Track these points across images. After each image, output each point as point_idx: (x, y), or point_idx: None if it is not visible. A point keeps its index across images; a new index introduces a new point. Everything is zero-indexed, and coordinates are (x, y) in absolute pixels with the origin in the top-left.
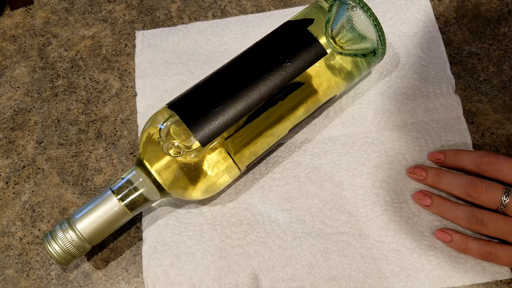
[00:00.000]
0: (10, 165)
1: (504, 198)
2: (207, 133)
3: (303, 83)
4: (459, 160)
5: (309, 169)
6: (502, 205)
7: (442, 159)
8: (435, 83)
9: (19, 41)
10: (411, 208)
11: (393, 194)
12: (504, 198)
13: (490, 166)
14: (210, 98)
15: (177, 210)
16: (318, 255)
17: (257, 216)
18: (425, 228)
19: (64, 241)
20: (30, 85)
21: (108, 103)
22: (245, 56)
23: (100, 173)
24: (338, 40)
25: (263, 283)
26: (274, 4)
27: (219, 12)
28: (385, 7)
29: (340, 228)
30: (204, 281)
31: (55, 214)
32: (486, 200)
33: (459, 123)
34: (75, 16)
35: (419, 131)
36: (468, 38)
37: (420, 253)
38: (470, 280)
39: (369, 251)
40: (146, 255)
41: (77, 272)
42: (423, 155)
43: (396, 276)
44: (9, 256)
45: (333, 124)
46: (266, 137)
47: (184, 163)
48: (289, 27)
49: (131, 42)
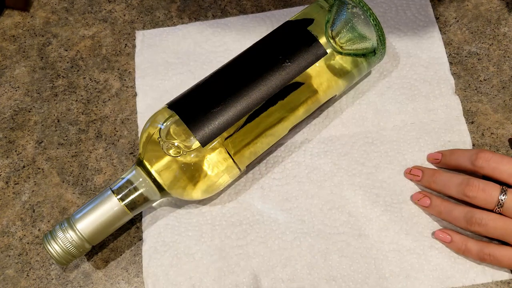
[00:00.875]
0: (10, 165)
1: (502, 197)
2: (207, 133)
3: (303, 83)
4: (455, 158)
5: (309, 169)
6: (499, 205)
7: (439, 159)
8: (434, 84)
9: (19, 41)
10: (411, 209)
11: (393, 195)
12: (501, 197)
13: (486, 162)
14: (210, 98)
15: (177, 210)
16: (318, 256)
17: (256, 216)
18: (425, 228)
19: (64, 241)
20: (30, 85)
21: (108, 103)
22: (245, 56)
23: (100, 173)
24: (338, 40)
25: (262, 283)
26: (274, 4)
27: (219, 12)
28: (385, 7)
29: (339, 228)
30: (203, 281)
31: (55, 214)
32: (482, 199)
33: (459, 124)
34: (75, 16)
35: (419, 131)
36: (468, 38)
37: (420, 254)
38: (470, 281)
39: (368, 252)
40: (146, 255)
41: (77, 272)
42: (423, 156)
43: (395, 277)
44: (9, 256)
45: (333, 124)
46: (266, 137)
47: (184, 163)
48: (289, 27)
49: (131, 42)
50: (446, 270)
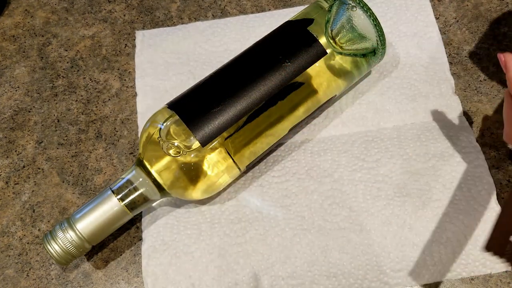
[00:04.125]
0: (10, 165)
1: None
2: (207, 133)
3: (303, 83)
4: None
5: (308, 166)
6: None
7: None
8: (434, 84)
9: (19, 41)
10: (414, 202)
11: (396, 188)
12: None
13: None
14: (210, 98)
15: (176, 210)
16: (318, 252)
17: (256, 213)
18: (430, 222)
19: (64, 241)
20: (30, 85)
21: (108, 103)
22: (245, 56)
23: (100, 173)
24: (338, 40)
25: (262, 281)
26: (274, 4)
27: (219, 12)
28: (385, 7)
29: (340, 223)
30: (203, 280)
31: (55, 214)
32: None
33: (459, 123)
34: (75, 16)
35: (419, 129)
36: (468, 38)
37: (423, 249)
38: (468, 273)
39: (370, 247)
40: (145, 255)
41: (77, 272)
42: (425, 149)
43: (396, 272)
44: (9, 256)
45: (333, 124)
46: (266, 137)
47: (184, 163)
48: (289, 27)
49: (131, 42)
50: (448, 265)
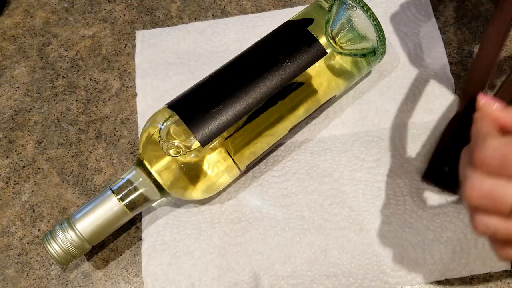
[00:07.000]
0: (10, 165)
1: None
2: (207, 133)
3: (303, 83)
4: None
5: (308, 166)
6: None
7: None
8: (434, 84)
9: (19, 41)
10: (415, 201)
11: (396, 188)
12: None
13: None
14: (210, 98)
15: (176, 210)
16: (318, 252)
17: (255, 213)
18: (430, 221)
19: (64, 241)
20: (30, 85)
21: (108, 103)
22: (245, 56)
23: (100, 173)
24: (338, 40)
25: (262, 281)
26: (274, 4)
27: (219, 12)
28: (385, 7)
29: (340, 223)
30: (203, 280)
31: (55, 214)
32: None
33: None
34: (75, 16)
35: (420, 129)
36: (468, 38)
37: (424, 248)
38: (468, 272)
39: (370, 247)
40: (145, 255)
41: (77, 272)
42: (425, 149)
43: (396, 271)
44: (9, 256)
45: (333, 124)
46: (266, 137)
47: (184, 163)
48: (289, 27)
49: (131, 42)
50: (448, 264)
